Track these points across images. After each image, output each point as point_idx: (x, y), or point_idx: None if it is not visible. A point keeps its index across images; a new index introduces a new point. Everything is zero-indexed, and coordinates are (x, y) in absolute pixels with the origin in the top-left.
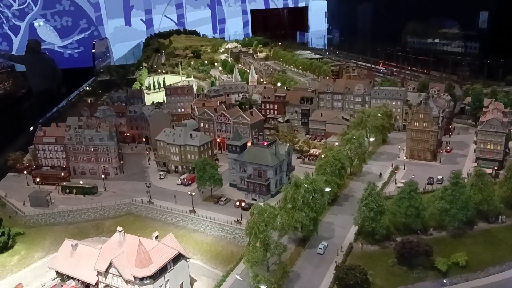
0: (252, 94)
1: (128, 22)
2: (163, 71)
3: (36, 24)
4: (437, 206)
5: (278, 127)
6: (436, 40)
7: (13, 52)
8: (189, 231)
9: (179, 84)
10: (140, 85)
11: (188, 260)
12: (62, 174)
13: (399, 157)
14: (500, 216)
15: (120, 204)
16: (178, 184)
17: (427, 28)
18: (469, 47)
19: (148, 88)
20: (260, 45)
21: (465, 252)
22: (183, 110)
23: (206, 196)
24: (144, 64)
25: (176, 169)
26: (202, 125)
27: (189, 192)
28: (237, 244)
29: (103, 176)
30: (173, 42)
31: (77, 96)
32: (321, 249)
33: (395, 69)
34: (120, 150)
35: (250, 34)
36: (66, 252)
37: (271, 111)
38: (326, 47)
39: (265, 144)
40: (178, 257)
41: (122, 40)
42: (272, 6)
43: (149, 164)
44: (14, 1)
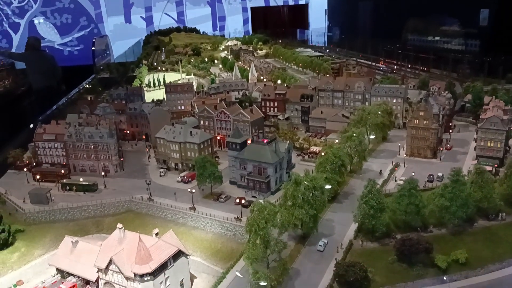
0: (252, 91)
1: (128, 20)
2: (163, 69)
3: (36, 22)
4: (437, 204)
5: (278, 125)
6: (436, 38)
7: (13, 50)
8: (189, 228)
9: (179, 82)
10: (140, 83)
11: (188, 257)
12: (62, 171)
13: (399, 154)
14: (500, 214)
15: (120, 201)
16: (178, 182)
17: (427, 25)
18: (470, 45)
19: (148, 85)
20: (260, 43)
21: (465, 249)
22: (183, 107)
23: (206, 194)
24: (144, 62)
25: (176, 167)
26: (202, 122)
27: (189, 190)
28: (237, 241)
29: (103, 173)
30: (173, 39)
31: (77, 94)
32: (321, 246)
33: (395, 67)
34: (120, 148)
35: (250, 32)
36: (66, 249)
37: (271, 108)
38: (326, 45)
39: (265, 141)
40: (178, 254)
41: (122, 37)
42: (272, 3)
43: (149, 161)
44: None
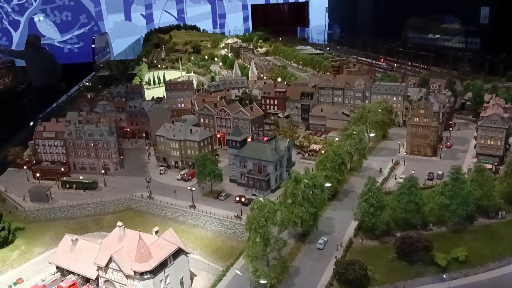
0: (252, 89)
1: (128, 17)
2: (163, 66)
3: (36, 19)
4: (437, 202)
5: (278, 123)
6: (437, 36)
7: (13, 47)
8: (189, 226)
9: (179, 79)
10: (140, 80)
11: (188, 255)
12: (62, 169)
13: (399, 152)
14: (500, 212)
15: (120, 199)
16: (178, 179)
17: (428, 23)
18: (470, 43)
19: (148, 83)
20: (260, 40)
21: (465, 247)
22: (183, 105)
23: (206, 191)
24: (144, 59)
25: (176, 164)
26: (202, 120)
27: (189, 187)
28: (237, 239)
29: (103, 171)
30: (173, 37)
31: (77, 91)
32: (321, 244)
33: (395, 65)
34: (120, 145)
35: (251, 29)
36: (66, 247)
37: (271, 106)
38: (326, 42)
39: (265, 139)
40: (178, 252)
41: (122, 35)
42: (272, 1)
43: (149, 159)
44: None
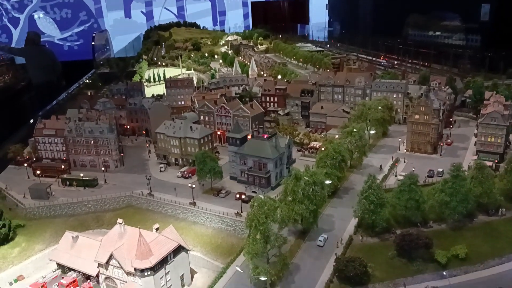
0: (253, 86)
1: (128, 14)
2: (163, 64)
3: (35, 16)
4: (437, 199)
5: (278, 120)
6: (437, 33)
7: (13, 45)
8: (189, 223)
9: (179, 77)
10: (140, 78)
11: (188, 252)
12: (62, 166)
13: (399, 150)
14: (500, 209)
15: (120, 196)
16: (178, 177)
17: (428, 20)
18: (471, 40)
19: (148, 80)
20: (260, 38)
21: (465, 244)
22: (183, 102)
23: (206, 189)
24: (144, 57)
25: (176, 162)
26: (202, 117)
27: (189, 185)
28: (237, 236)
29: (103, 168)
30: (173, 34)
31: (77, 89)
32: (321, 241)
33: (396, 62)
34: (120, 143)
35: (251, 27)
36: (66, 244)
37: (272, 103)
38: (326, 40)
39: (265, 136)
40: (179, 249)
41: (122, 32)
42: None
43: (149, 156)
44: None
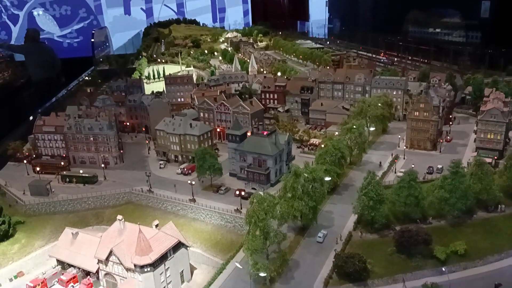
0: (252, 83)
1: (127, 11)
2: (163, 61)
3: (35, 13)
4: (437, 195)
5: (278, 117)
6: (437, 30)
7: (12, 42)
8: (189, 219)
9: (179, 74)
10: (139, 75)
11: (188, 248)
12: (62, 163)
13: (399, 146)
14: (499, 205)
15: (120, 193)
16: (178, 173)
17: (428, 17)
18: (471, 37)
19: (148, 77)
20: (260, 35)
21: (464, 241)
22: (182, 99)
23: (206, 185)
24: (144, 54)
25: (176, 159)
26: (201, 114)
27: (189, 181)
28: (237, 233)
29: (103, 165)
30: (173, 31)
31: (76, 86)
32: (320, 237)
33: (396, 59)
34: (120, 140)
35: (251, 24)
36: (66, 240)
37: (271, 100)
38: (326, 37)
39: (265, 133)
40: (178, 245)
41: (121, 29)
42: None
43: (149, 153)
44: None
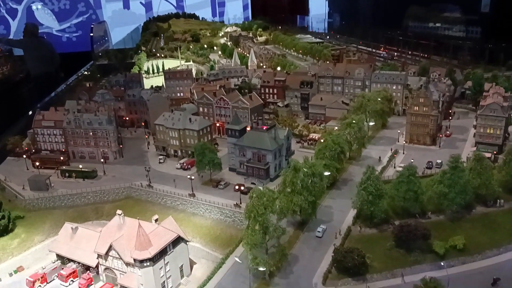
0: (252, 78)
1: (126, 6)
2: (162, 55)
3: (34, 7)
4: (436, 190)
5: (277, 112)
6: (437, 25)
7: (11, 36)
8: (189, 214)
9: (178, 68)
10: (138, 69)
11: (187, 243)
12: (62, 158)
13: (398, 141)
14: (498, 200)
15: (119, 188)
16: (177, 168)
17: (428, 12)
18: (471, 32)
19: (147, 72)
20: (260, 29)
21: (463, 235)
22: (182, 94)
23: (206, 180)
24: (143, 48)
25: (176, 153)
26: (201, 109)
27: (189, 176)
28: (236, 227)
29: (102, 160)
30: (172, 26)
31: (75, 80)
32: (319, 232)
33: (395, 54)
34: (119, 134)
35: (250, 18)
36: (66, 235)
37: (271, 95)
38: (326, 31)
39: (264, 128)
40: (178, 240)
41: (120, 23)
42: None
43: (148, 148)
44: None
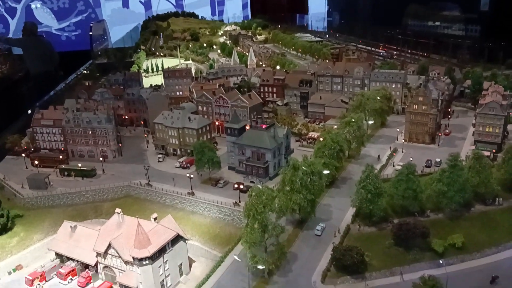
0: (251, 77)
1: (126, 4)
2: (161, 54)
3: (33, 6)
4: (435, 189)
5: (276, 110)
6: (436, 23)
7: (10, 35)
8: (188, 213)
9: (178, 67)
10: (138, 68)
11: (186, 241)
12: (61, 156)
13: (397, 140)
14: (497, 199)
15: (118, 186)
16: (176, 167)
17: (427, 10)
18: (470, 30)
19: (146, 71)
20: (259, 28)
21: (462, 234)
22: (181, 93)
23: (205, 179)
24: (142, 47)
25: (175, 152)
26: (200, 108)
27: (188, 175)
28: (235, 226)
29: (101, 158)
30: (171, 24)
31: (74, 79)
32: (318, 230)
33: (395, 52)
34: (118, 133)
35: (250, 17)
36: (65, 233)
37: (270, 94)
38: (325, 30)
39: (263, 127)
40: (177, 238)
41: (119, 22)
42: None
43: (147, 147)
44: None
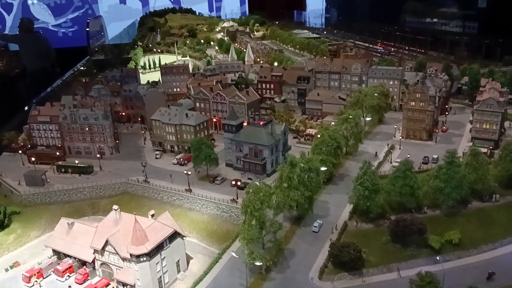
0: (249, 73)
1: (123, 0)
2: (159, 50)
3: (29, 2)
4: (432, 185)
5: (274, 107)
6: (434, 20)
7: (6, 31)
8: (185, 209)
9: (175, 64)
10: (135, 64)
11: (184, 238)
12: (58, 153)
13: (395, 136)
14: (494, 195)
15: (116, 183)
16: (174, 164)
17: (425, 7)
18: (468, 27)
19: (143, 67)
20: (257, 24)
21: (459, 230)
22: (178, 89)
23: (202, 176)
24: (139, 43)
25: (172, 149)
26: (197, 104)
27: (185, 172)
28: (233, 223)
29: (98, 155)
30: (169, 21)
31: (71, 76)
32: (316, 227)
33: (392, 49)
34: (116, 130)
35: (247, 13)
36: (62, 230)
37: (268, 90)
38: (323, 26)
39: (261, 123)
40: (174, 235)
41: (116, 18)
42: None
43: (144, 143)
44: None
